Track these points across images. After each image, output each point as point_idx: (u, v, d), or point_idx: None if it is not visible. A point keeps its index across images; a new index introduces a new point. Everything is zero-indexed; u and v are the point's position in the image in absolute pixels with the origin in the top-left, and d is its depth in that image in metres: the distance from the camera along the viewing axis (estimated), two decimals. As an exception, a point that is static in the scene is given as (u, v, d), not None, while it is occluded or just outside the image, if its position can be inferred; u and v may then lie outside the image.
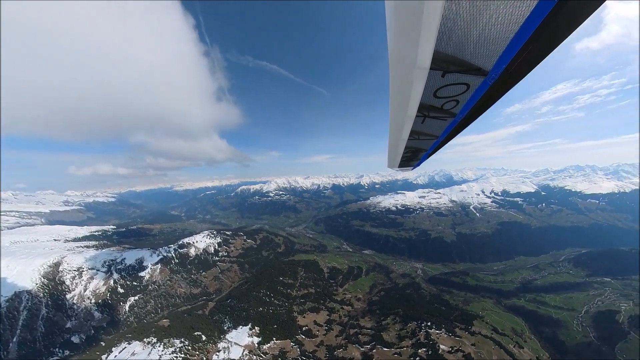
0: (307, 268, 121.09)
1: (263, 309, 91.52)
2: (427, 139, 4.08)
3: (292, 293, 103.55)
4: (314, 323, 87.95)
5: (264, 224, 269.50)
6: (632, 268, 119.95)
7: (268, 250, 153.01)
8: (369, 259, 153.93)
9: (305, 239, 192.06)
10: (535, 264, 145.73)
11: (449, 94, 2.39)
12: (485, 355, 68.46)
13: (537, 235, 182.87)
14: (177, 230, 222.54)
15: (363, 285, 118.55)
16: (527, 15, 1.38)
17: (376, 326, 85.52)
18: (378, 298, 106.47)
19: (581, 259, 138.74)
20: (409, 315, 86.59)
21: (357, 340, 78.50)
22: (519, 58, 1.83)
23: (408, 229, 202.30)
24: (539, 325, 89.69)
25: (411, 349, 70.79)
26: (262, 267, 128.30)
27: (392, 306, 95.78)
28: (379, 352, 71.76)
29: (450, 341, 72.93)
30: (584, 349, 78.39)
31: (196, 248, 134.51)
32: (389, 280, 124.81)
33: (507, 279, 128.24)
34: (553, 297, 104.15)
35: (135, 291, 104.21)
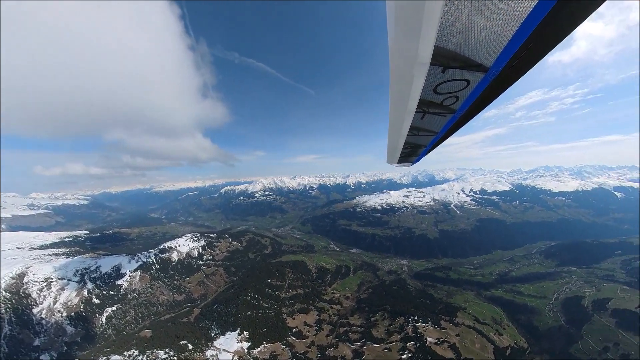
0: (295, 269, 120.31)
1: (251, 313, 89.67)
2: (427, 135, 4.09)
3: (281, 295, 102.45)
4: (304, 324, 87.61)
5: (250, 226, 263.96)
6: (595, 258, 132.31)
7: (255, 252, 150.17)
8: (356, 258, 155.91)
9: (292, 240, 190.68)
10: (510, 257, 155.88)
11: (449, 89, 2.38)
12: (469, 344, 71.87)
13: (512, 230, 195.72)
14: (157, 234, 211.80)
15: (351, 284, 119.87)
16: (529, 11, 1.38)
17: (365, 323, 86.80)
18: (366, 296, 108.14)
19: (551, 251, 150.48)
20: (397, 311, 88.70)
21: (347, 338, 79.21)
22: (520, 55, 1.83)
23: (393, 227, 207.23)
24: (516, 313, 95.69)
25: (400, 343, 72.63)
26: (248, 269, 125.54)
27: (380, 303, 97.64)
28: (369, 348, 72.90)
29: (437, 333, 75.69)
30: (555, 332, 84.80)
31: (179, 252, 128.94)
32: (376, 278, 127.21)
33: (486, 272, 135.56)
34: (527, 287, 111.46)
35: (112, 301, 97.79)
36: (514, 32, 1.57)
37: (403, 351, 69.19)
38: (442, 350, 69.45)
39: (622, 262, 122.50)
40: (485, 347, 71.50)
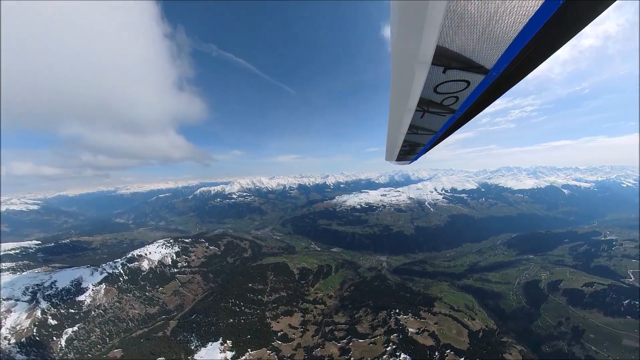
0: (276, 271, 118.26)
1: (233, 320, 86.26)
2: (426, 134, 4.16)
3: (263, 299, 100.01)
4: (289, 326, 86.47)
5: (228, 228, 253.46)
6: (548, 246, 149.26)
7: (234, 256, 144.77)
8: (337, 257, 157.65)
9: (272, 242, 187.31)
10: (478, 249, 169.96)
11: (449, 90, 2.40)
12: (447, 330, 76.55)
13: (479, 225, 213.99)
14: (124, 242, 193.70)
15: (334, 283, 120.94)
16: (531, 15, 1.39)
17: (350, 320, 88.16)
18: (349, 293, 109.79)
19: (512, 242, 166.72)
20: (379, 306, 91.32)
21: (333, 336, 79.81)
22: (521, 58, 1.85)
23: (372, 225, 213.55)
24: (485, 298, 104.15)
25: (384, 336, 75.00)
26: (228, 275, 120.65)
27: (362, 299, 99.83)
28: (355, 344, 74.22)
29: (417, 323, 79.42)
30: (519, 312, 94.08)
31: (150, 260, 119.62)
32: (358, 275, 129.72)
33: (458, 263, 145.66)
34: (493, 275, 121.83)
35: (73, 320, 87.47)
36: (516, 36, 1.58)
37: (387, 343, 71.56)
38: (423, 339, 73.08)
39: (569, 249, 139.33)
40: (461, 332, 76.64)
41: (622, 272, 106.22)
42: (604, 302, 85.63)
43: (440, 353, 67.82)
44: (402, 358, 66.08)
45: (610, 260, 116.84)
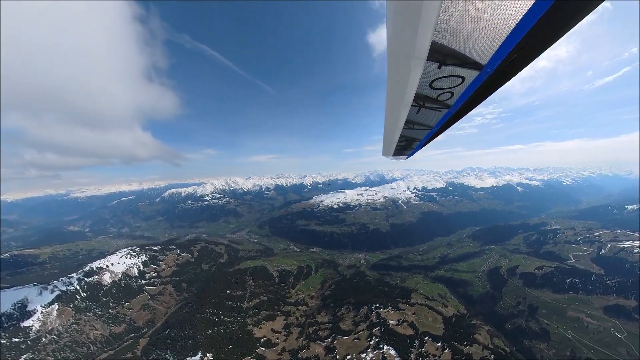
0: (255, 275, 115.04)
1: (212, 331, 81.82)
2: (422, 129, 4.24)
3: (243, 305, 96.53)
4: (272, 331, 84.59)
5: (201, 233, 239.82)
6: (506, 237, 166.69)
7: (209, 262, 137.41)
8: (316, 257, 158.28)
9: (249, 245, 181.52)
10: (448, 242, 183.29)
11: (444, 85, 2.47)
12: (424, 319, 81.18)
13: (448, 220, 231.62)
14: (79, 253, 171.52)
15: (314, 283, 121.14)
16: (524, 12, 1.42)
17: (333, 319, 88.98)
18: (330, 292, 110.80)
19: (476, 234, 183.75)
20: (360, 302, 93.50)
21: (317, 336, 79.87)
22: (514, 55, 1.89)
23: (350, 224, 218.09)
24: (455, 287, 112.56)
25: (367, 331, 77.04)
26: (203, 283, 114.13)
27: (343, 297, 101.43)
28: (339, 342, 75.13)
29: (397, 315, 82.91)
30: (484, 296, 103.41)
31: (112, 273, 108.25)
32: (338, 274, 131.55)
33: (430, 256, 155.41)
34: (462, 265, 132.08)
35: (19, 351, 75.29)
36: (509, 33, 1.62)
37: (370, 337, 73.66)
38: (403, 329, 76.62)
39: (523, 238, 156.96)
40: (437, 319, 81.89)
41: (565, 255, 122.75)
42: (552, 282, 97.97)
43: (419, 341, 71.70)
44: (385, 349, 68.51)
45: (556, 246, 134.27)
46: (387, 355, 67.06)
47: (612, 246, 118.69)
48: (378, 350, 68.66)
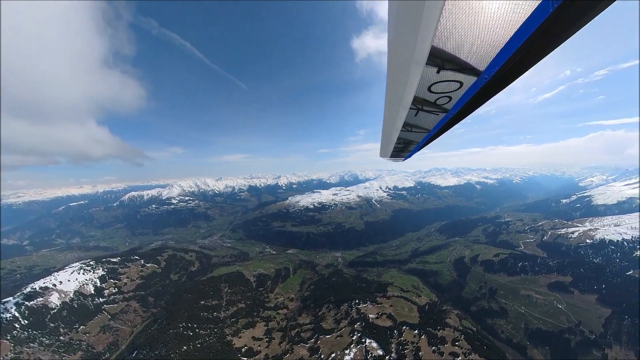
0: (231, 282, 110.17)
1: (188, 347, 76.06)
2: (419, 132, 4.31)
3: (220, 315, 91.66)
4: (253, 339, 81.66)
5: (168, 240, 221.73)
6: (467, 229, 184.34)
7: (178, 272, 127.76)
8: (294, 258, 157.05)
9: (223, 250, 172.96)
10: (418, 237, 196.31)
11: (442, 89, 2.51)
12: (401, 310, 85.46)
13: (417, 216, 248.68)
14: (16, 272, 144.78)
15: (293, 285, 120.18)
16: (522, 21, 1.44)
17: (314, 319, 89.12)
18: (310, 292, 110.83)
19: (442, 228, 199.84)
20: (340, 300, 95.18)
21: (300, 339, 79.26)
22: (512, 62, 1.92)
23: (326, 223, 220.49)
24: (426, 277, 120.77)
25: (349, 327, 78.67)
26: (173, 295, 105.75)
27: (323, 296, 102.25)
28: (323, 341, 75.51)
29: (376, 309, 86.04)
30: (452, 284, 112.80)
31: (62, 293, 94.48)
32: (316, 274, 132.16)
33: (402, 251, 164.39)
34: (431, 257, 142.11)
35: None
36: (508, 40, 1.63)
37: (353, 333, 75.38)
38: (382, 321, 79.82)
39: (482, 230, 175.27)
40: (412, 309, 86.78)
41: (516, 243, 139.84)
42: (506, 267, 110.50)
43: (398, 331, 75.39)
44: (367, 343, 70.70)
45: (509, 235, 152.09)
46: (369, 348, 69.28)
47: (552, 233, 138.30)
48: (361, 345, 70.58)
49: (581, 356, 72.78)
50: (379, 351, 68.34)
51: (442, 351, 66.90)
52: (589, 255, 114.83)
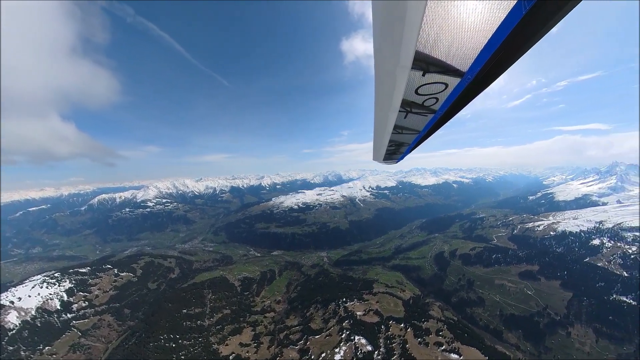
0: (214, 287, 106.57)
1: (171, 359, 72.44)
2: (410, 134, 4.41)
3: (204, 323, 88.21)
4: (241, 345, 79.53)
5: (144, 246, 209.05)
6: (446, 226, 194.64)
7: (156, 279, 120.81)
8: (279, 260, 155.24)
9: (204, 254, 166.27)
10: (400, 234, 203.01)
11: (429, 91, 2.60)
12: (387, 305, 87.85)
13: (399, 214, 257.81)
14: None
15: (279, 287, 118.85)
16: (499, 23, 1.57)
17: (302, 320, 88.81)
18: (296, 294, 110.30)
19: (423, 225, 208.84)
20: (327, 299, 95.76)
21: (289, 341, 78.53)
22: (491, 63, 2.05)
23: (310, 223, 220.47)
24: (410, 272, 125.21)
25: (337, 326, 79.34)
26: (152, 305, 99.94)
27: (310, 297, 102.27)
28: (312, 342, 75.44)
29: (363, 306, 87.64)
30: (433, 277, 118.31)
31: (21, 311, 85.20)
32: (302, 274, 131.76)
33: (386, 248, 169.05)
34: (413, 252, 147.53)
35: None
36: (486, 42, 1.75)
37: (341, 331, 76.12)
38: (370, 317, 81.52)
39: (459, 226, 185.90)
40: (397, 304, 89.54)
41: (490, 237, 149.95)
42: (482, 259, 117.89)
43: (385, 326, 77.40)
44: (356, 340, 71.79)
45: (483, 230, 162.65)
46: (359, 344, 70.39)
47: (520, 227, 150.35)
48: (350, 342, 71.49)
49: (549, 336, 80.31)
50: (368, 347, 69.69)
51: (428, 342, 69.81)
52: (553, 246, 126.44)
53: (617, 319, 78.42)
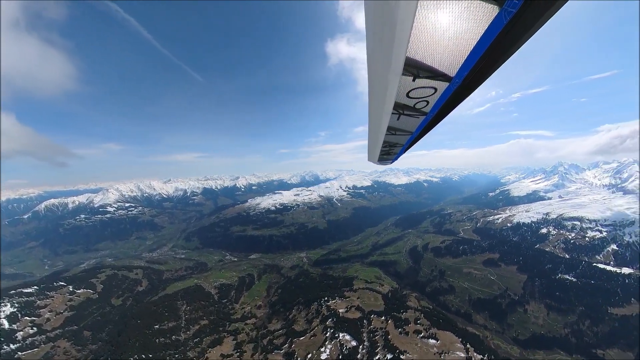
0: (189, 298, 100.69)
1: (141, 376, 66.58)
2: (403, 135, 4.56)
3: (180, 337, 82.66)
4: (222, 357, 75.89)
5: (104, 257, 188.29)
6: (418, 222, 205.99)
7: (121, 294, 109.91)
8: (257, 263, 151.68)
9: (176, 263, 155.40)
10: (377, 231, 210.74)
11: (420, 95, 2.70)
12: (367, 300, 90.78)
13: (375, 213, 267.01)
14: None
15: (259, 291, 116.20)
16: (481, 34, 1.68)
17: (285, 323, 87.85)
18: (277, 297, 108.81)
19: (397, 222, 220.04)
20: (309, 299, 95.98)
21: (274, 346, 77.03)
22: (477, 68, 2.19)
23: (288, 224, 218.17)
24: (387, 267, 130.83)
25: (321, 325, 79.82)
26: (118, 323, 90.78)
27: (292, 298, 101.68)
28: (297, 344, 74.89)
29: (344, 304, 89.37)
30: (409, 270, 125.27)
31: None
32: (282, 277, 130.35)
33: (364, 245, 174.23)
34: (389, 248, 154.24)
35: None
36: (471, 49, 1.85)
37: (326, 330, 76.76)
38: (352, 314, 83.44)
39: (430, 222, 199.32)
40: (377, 298, 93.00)
41: (457, 230, 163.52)
42: (451, 251, 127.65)
43: (367, 320, 79.90)
44: (341, 337, 73.00)
45: (451, 224, 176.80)
46: (343, 341, 71.64)
47: (483, 220, 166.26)
48: (335, 340, 72.43)
49: (510, 314, 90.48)
50: (352, 342, 71.28)
51: (407, 331, 73.62)
52: (510, 236, 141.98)
53: (562, 294, 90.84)
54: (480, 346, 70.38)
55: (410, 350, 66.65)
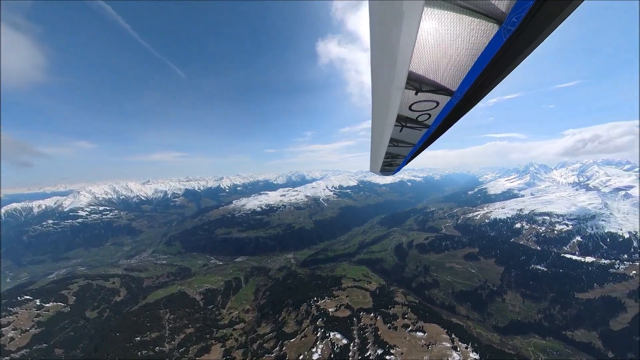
0: (172, 305, 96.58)
1: (122, 390, 62.74)
2: (405, 146, 4.65)
3: (165, 348, 79.02)
4: (209, 362, 73.62)
5: (76, 266, 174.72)
6: (403, 220, 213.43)
7: (97, 306, 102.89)
8: (244, 266, 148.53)
9: (157, 269, 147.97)
10: (363, 230, 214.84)
11: (422, 108, 2.81)
12: (356, 298, 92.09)
13: (361, 212, 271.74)
14: None
15: (247, 295, 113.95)
16: (483, 48, 1.76)
17: (275, 326, 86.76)
18: (266, 299, 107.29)
19: (383, 221, 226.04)
20: (298, 300, 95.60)
21: (264, 350, 75.73)
22: (478, 83, 2.27)
23: (275, 225, 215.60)
24: (374, 265, 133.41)
25: (311, 326, 79.71)
26: (94, 338, 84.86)
27: (281, 300, 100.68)
28: (288, 346, 74.17)
29: (334, 303, 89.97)
30: (395, 267, 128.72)
31: None
32: (270, 279, 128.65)
33: (351, 244, 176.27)
34: (375, 247, 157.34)
35: None
36: (473, 64, 1.95)
37: (316, 330, 76.74)
38: (342, 312, 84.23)
39: (414, 220, 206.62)
40: (365, 295, 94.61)
41: (439, 227, 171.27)
42: (435, 247, 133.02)
43: (357, 318, 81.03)
44: (332, 336, 73.36)
45: (434, 222, 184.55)
46: (334, 340, 72.05)
47: (463, 217, 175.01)
48: (326, 339, 72.64)
49: (490, 304, 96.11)
50: (343, 341, 71.90)
51: (396, 326, 75.53)
52: (487, 231, 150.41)
53: (535, 283, 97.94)
54: (464, 336, 73.79)
55: (400, 344, 68.43)
